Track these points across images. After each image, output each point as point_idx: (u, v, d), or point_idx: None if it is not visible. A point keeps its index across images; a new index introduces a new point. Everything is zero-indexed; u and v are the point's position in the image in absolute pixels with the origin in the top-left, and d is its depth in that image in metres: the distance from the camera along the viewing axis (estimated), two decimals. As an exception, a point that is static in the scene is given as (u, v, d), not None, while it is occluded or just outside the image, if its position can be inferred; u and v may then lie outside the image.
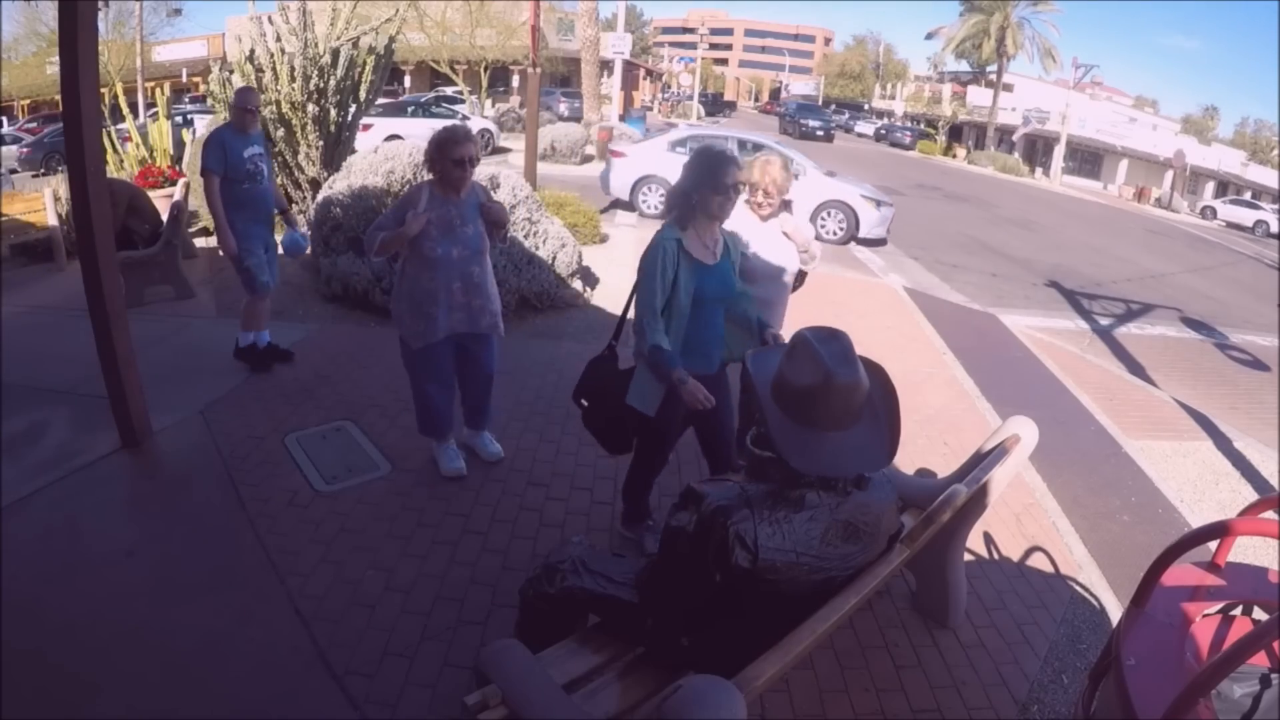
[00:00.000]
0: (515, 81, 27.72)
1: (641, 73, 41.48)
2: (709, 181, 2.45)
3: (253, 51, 6.84)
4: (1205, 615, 1.74)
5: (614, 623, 1.86)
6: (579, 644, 1.84)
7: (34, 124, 20.99)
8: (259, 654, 2.30)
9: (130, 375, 3.36)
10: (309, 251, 4.71)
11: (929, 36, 47.19)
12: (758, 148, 11.04)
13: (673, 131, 12.24)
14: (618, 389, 2.63)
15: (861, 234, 10.39)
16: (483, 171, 4.64)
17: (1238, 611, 1.79)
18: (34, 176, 13.81)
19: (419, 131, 14.25)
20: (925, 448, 4.12)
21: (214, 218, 3.98)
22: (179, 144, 9.12)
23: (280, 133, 6.93)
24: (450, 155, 2.90)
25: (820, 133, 33.91)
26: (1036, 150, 37.16)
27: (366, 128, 12.33)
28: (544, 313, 5.62)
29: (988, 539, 3.24)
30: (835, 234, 10.37)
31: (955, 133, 40.23)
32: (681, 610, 1.70)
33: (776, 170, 3.09)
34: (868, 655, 2.50)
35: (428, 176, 3.11)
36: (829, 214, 10.39)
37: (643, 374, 2.57)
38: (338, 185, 6.03)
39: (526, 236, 6.02)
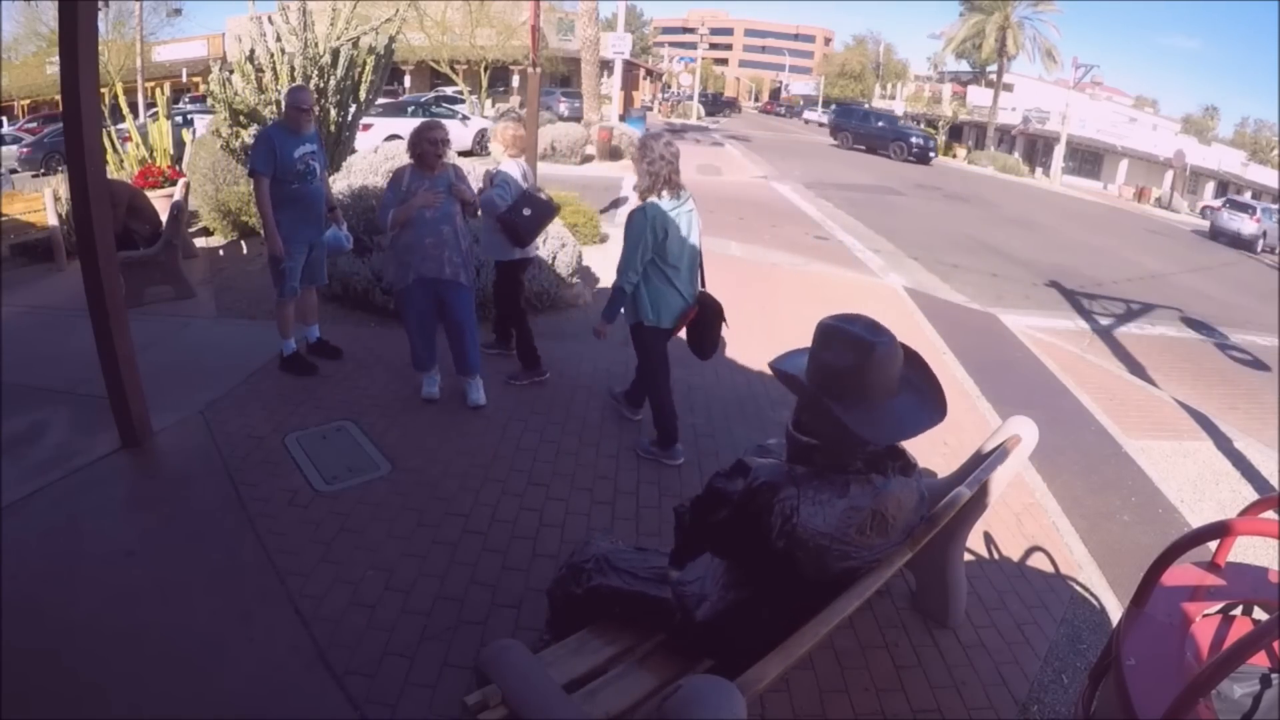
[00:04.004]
0: (515, 81, 27.67)
1: (641, 73, 41.42)
2: None
3: (253, 51, 6.84)
4: (1205, 615, 1.74)
5: (641, 618, 1.87)
6: (580, 642, 1.84)
7: (34, 124, 20.96)
8: (259, 654, 2.30)
9: (130, 375, 3.36)
10: (350, 249, 4.79)
11: (932, 37, 47.14)
12: None
13: None
14: None
15: None
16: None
17: (1238, 611, 1.79)
18: (34, 176, 13.79)
19: (419, 131, 14.24)
20: (925, 448, 4.08)
21: (262, 218, 4.02)
22: (179, 144, 9.13)
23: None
24: (426, 137, 3.75)
25: (931, 154, 26.94)
26: (1036, 150, 37.11)
27: (366, 128, 12.30)
28: (544, 313, 5.61)
29: (988, 539, 3.24)
30: None
31: (955, 132, 40.13)
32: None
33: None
34: (868, 655, 2.50)
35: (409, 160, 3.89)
36: None
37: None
38: (338, 185, 6.03)
39: (526, 236, 6.01)
